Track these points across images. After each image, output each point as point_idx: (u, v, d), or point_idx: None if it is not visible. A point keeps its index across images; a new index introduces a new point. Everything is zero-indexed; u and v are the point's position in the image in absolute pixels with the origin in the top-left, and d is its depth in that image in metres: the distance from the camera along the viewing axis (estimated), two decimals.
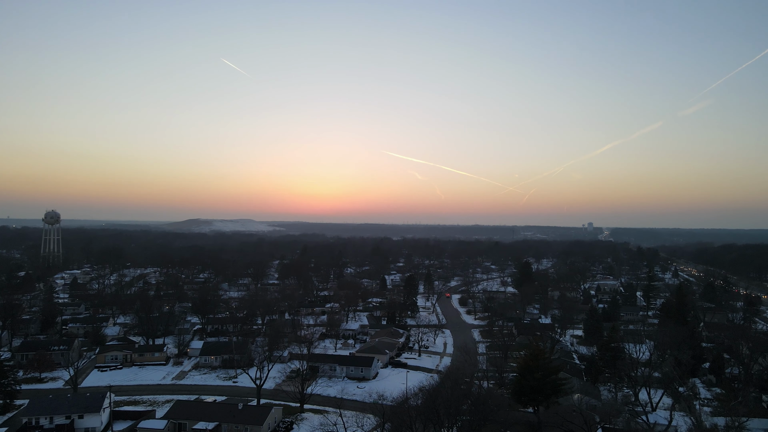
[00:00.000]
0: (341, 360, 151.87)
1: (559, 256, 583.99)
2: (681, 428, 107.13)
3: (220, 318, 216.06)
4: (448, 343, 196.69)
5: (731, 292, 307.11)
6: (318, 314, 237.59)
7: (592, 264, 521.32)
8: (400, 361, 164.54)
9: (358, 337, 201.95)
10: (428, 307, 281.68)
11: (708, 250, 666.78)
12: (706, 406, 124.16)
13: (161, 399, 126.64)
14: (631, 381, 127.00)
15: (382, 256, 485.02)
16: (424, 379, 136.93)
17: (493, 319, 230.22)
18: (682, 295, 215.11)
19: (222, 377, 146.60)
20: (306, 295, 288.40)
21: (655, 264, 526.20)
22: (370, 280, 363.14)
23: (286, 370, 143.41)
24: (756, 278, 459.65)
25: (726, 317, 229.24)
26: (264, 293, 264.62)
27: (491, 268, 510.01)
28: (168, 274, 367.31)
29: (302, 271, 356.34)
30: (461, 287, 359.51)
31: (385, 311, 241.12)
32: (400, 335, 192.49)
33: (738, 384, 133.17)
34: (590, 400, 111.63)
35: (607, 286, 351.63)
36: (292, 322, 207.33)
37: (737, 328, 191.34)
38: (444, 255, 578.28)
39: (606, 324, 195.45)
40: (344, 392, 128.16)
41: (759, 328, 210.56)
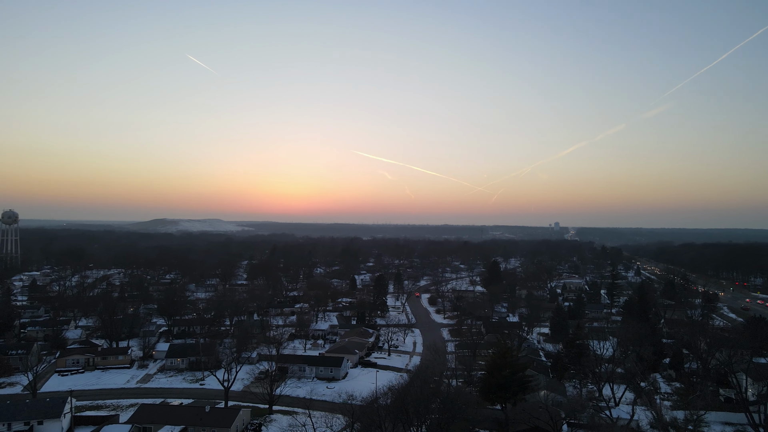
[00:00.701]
0: (311, 360, 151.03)
1: (527, 255, 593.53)
2: (642, 422, 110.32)
3: (187, 319, 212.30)
4: (417, 343, 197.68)
5: (690, 289, 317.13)
6: (287, 315, 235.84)
7: (558, 263, 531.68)
8: (370, 361, 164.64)
9: (327, 337, 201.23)
10: (398, 307, 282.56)
11: (668, 249, 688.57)
12: (666, 400, 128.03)
13: (125, 403, 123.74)
14: (595, 377, 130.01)
15: (351, 256, 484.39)
16: (394, 378, 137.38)
17: (462, 318, 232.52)
18: (644, 293, 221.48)
19: (189, 380, 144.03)
20: (275, 295, 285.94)
21: (618, 263, 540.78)
22: (340, 280, 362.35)
23: (255, 371, 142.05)
24: (713, 276, 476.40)
25: (685, 314, 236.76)
26: (232, 294, 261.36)
27: (460, 267, 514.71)
28: (133, 275, 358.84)
29: (271, 271, 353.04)
30: (431, 287, 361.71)
31: (354, 311, 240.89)
32: (369, 335, 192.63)
33: (696, 378, 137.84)
34: (556, 397, 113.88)
35: (573, 284, 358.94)
36: (260, 322, 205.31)
37: (696, 324, 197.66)
38: (414, 255, 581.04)
39: (571, 322, 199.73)
40: (314, 393, 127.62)
41: (716, 324, 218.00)
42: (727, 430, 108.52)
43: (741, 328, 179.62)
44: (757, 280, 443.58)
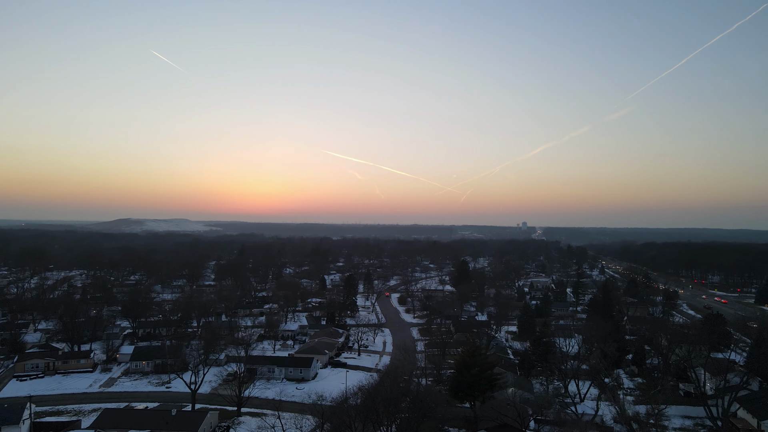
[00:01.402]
0: (280, 361, 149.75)
1: (495, 254, 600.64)
2: (606, 417, 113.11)
3: (153, 321, 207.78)
4: (387, 342, 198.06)
5: (652, 287, 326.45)
6: (256, 315, 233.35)
7: (526, 262, 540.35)
8: (340, 361, 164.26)
9: (297, 337, 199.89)
10: (368, 307, 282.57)
11: (631, 248, 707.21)
12: (629, 395, 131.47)
13: (87, 408, 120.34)
14: (562, 374, 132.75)
15: (321, 256, 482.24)
16: (364, 378, 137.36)
17: (432, 317, 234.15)
18: (608, 291, 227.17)
19: (154, 383, 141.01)
20: (244, 296, 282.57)
21: (583, 262, 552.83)
22: (310, 280, 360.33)
23: (223, 373, 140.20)
24: (673, 274, 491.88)
25: (647, 311, 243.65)
26: (200, 295, 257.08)
27: (430, 267, 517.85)
28: (96, 277, 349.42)
29: (240, 271, 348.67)
30: (400, 286, 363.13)
31: (324, 311, 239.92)
32: (339, 335, 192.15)
33: (657, 374, 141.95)
34: (524, 394, 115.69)
35: (540, 283, 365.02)
36: (229, 323, 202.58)
37: (657, 321, 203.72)
38: (383, 254, 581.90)
39: (538, 320, 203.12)
40: (283, 394, 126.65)
41: (676, 321, 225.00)
42: (687, 423, 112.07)
43: (699, 324, 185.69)
44: (715, 278, 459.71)
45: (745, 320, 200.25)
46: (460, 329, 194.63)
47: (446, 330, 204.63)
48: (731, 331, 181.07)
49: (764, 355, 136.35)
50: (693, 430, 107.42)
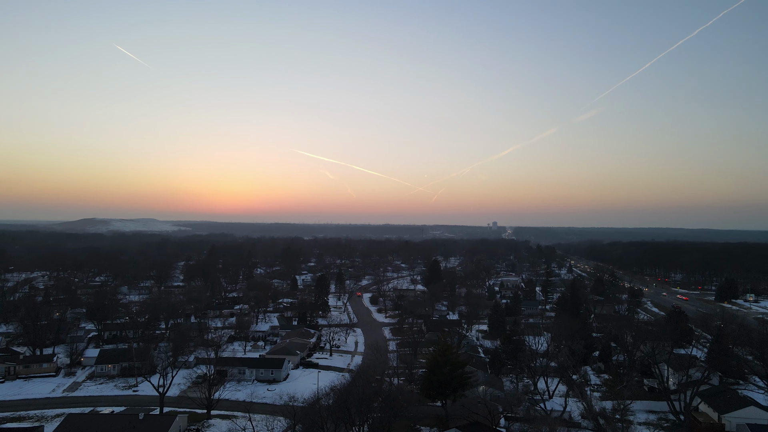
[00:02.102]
0: (251, 362, 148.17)
1: (466, 254, 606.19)
2: (574, 413, 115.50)
3: (119, 324, 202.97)
4: (359, 342, 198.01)
5: (617, 285, 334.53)
6: (226, 316, 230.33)
7: (496, 261, 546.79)
8: (312, 362, 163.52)
9: (268, 338, 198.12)
10: (340, 307, 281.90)
11: (598, 247, 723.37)
12: (596, 391, 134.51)
13: (51, 413, 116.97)
14: (531, 371, 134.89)
15: (293, 256, 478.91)
16: (336, 378, 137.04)
17: (404, 316, 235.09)
18: (575, 289, 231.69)
19: (121, 386, 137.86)
20: (213, 296, 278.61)
21: (552, 261, 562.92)
22: (281, 280, 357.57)
23: (192, 375, 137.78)
24: (638, 272, 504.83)
25: (613, 309, 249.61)
26: (168, 296, 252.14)
27: (402, 266, 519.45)
28: (59, 278, 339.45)
29: (209, 272, 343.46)
30: (372, 286, 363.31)
31: (296, 311, 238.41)
32: (311, 335, 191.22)
33: (623, 370, 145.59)
34: (494, 392, 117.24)
35: (510, 282, 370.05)
36: (198, 325, 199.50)
37: (622, 318, 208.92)
38: (355, 254, 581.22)
39: (509, 318, 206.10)
40: (254, 395, 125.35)
41: (641, 318, 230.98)
42: (651, 417, 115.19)
43: (663, 321, 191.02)
44: (677, 276, 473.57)
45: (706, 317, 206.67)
46: (431, 328, 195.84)
47: (418, 329, 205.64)
48: (693, 328, 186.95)
49: (724, 351, 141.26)
50: (657, 424, 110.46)
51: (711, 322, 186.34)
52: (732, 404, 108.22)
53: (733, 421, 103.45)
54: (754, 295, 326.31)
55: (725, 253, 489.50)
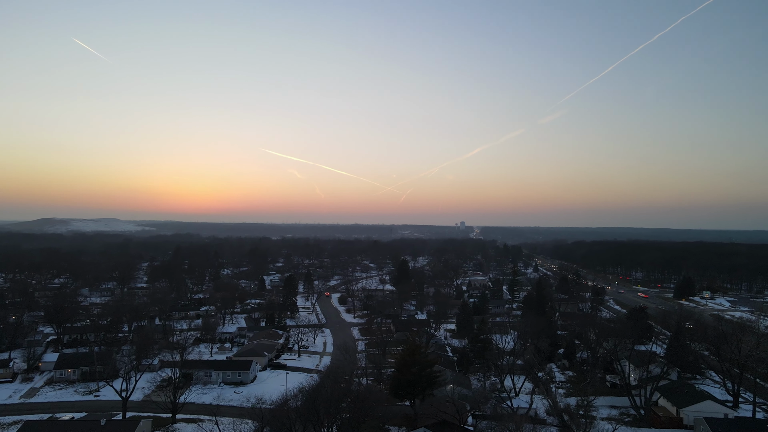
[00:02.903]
0: (217, 365, 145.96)
1: (434, 253, 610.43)
2: (540, 410, 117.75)
3: (80, 327, 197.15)
4: (328, 342, 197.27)
5: (581, 284, 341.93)
6: (192, 318, 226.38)
7: (464, 261, 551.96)
8: (280, 363, 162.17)
9: (235, 340, 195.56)
10: (308, 307, 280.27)
11: (563, 247, 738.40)
12: (560, 388, 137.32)
13: (6, 421, 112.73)
14: (498, 369, 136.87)
15: (260, 256, 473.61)
16: (304, 379, 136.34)
17: (372, 316, 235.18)
18: (541, 288, 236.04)
19: (82, 392, 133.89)
20: (179, 298, 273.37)
21: (519, 260, 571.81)
22: (248, 281, 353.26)
23: (157, 379, 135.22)
24: (601, 271, 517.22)
25: (577, 307, 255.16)
26: (131, 298, 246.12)
27: (370, 266, 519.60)
28: (15, 280, 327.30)
29: (175, 273, 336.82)
30: (341, 286, 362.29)
31: (264, 312, 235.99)
32: (279, 336, 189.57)
33: (587, 367, 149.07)
34: (462, 390, 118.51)
35: (478, 281, 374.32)
36: (163, 327, 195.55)
37: (586, 316, 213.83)
38: (324, 254, 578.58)
39: (476, 317, 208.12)
40: (221, 398, 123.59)
41: (603, 315, 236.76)
42: (613, 413, 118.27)
43: (624, 319, 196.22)
44: (638, 275, 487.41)
45: (665, 314, 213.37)
46: (400, 328, 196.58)
47: (386, 329, 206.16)
48: (653, 325, 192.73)
49: (682, 347, 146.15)
50: (618, 419, 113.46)
51: (670, 319, 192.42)
52: (689, 398, 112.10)
53: (691, 414, 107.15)
54: (710, 293, 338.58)
55: (683, 252, 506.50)
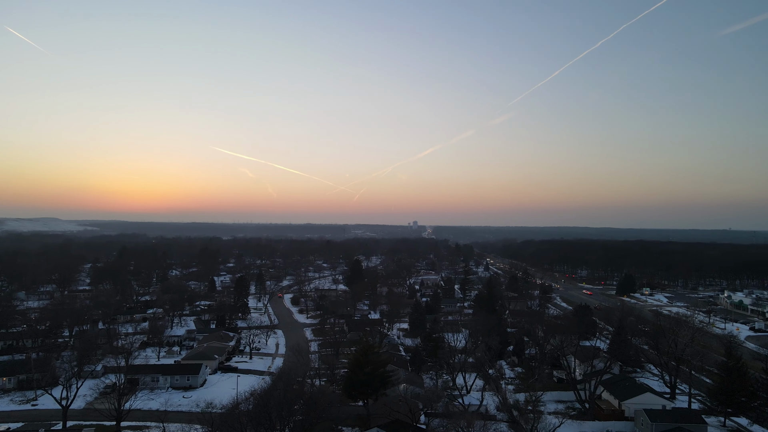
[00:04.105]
0: (165, 369, 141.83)
1: (388, 253, 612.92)
2: (490, 406, 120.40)
3: (15, 332, 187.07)
4: (280, 344, 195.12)
5: (530, 282, 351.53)
6: (138, 321, 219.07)
7: (417, 260, 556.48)
8: (231, 366, 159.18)
9: (184, 343, 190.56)
10: (260, 308, 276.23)
11: (512, 246, 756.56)
12: (510, 384, 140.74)
13: None
14: (450, 367, 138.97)
15: (210, 257, 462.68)
16: (256, 382, 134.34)
17: (325, 316, 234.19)
18: (492, 287, 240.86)
19: (18, 401, 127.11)
20: (124, 301, 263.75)
21: (470, 259, 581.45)
22: (198, 282, 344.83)
23: (100, 385, 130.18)
24: (549, 269, 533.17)
25: (526, 305, 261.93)
26: (72, 301, 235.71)
27: (323, 266, 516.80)
28: None
29: (120, 274, 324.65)
30: (294, 286, 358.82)
31: (214, 314, 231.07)
32: (230, 338, 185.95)
33: (535, 363, 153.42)
34: (415, 389, 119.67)
35: (430, 280, 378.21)
36: (107, 331, 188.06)
37: (534, 314, 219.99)
38: (276, 254, 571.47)
39: (429, 316, 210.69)
40: (168, 404, 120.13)
41: (551, 313, 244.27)
42: (560, 407, 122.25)
43: (571, 315, 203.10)
44: (583, 272, 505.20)
45: (608, 310, 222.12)
46: (353, 328, 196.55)
47: (340, 329, 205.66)
48: (597, 321, 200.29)
49: (623, 342, 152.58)
50: (564, 413, 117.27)
51: (612, 315, 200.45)
52: (630, 392, 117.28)
53: (632, 407, 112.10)
54: (649, 289, 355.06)
55: (625, 251, 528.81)
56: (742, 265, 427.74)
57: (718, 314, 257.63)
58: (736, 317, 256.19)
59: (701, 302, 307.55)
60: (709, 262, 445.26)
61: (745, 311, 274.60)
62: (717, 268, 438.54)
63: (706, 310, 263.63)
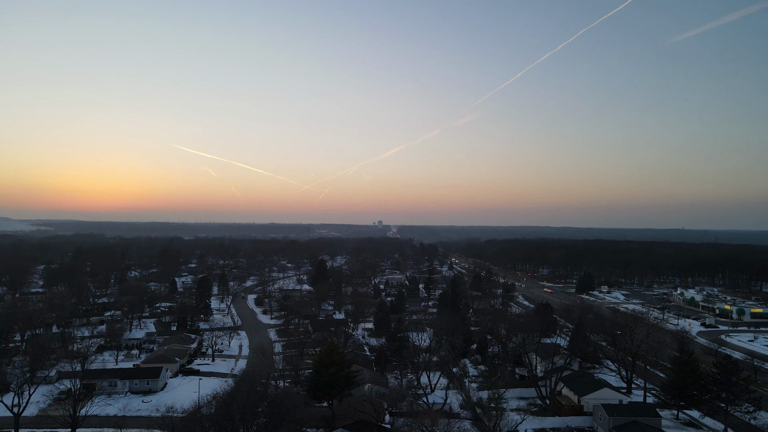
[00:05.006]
0: (123, 373, 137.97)
1: (353, 253, 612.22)
2: (454, 404, 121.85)
3: None
4: (243, 345, 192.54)
5: (493, 281, 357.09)
6: (95, 324, 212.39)
7: (381, 260, 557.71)
8: (192, 369, 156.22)
9: (144, 346, 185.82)
10: (223, 309, 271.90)
11: (476, 245, 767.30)
12: (473, 382, 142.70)
13: None
14: (414, 367, 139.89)
15: (171, 257, 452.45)
16: (219, 385, 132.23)
17: (290, 317, 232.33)
18: (456, 286, 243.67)
19: None
20: (80, 303, 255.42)
21: (434, 258, 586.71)
22: (158, 283, 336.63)
23: (55, 391, 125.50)
24: (511, 268, 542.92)
25: (489, 303, 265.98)
26: (24, 304, 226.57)
27: (288, 266, 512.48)
28: None
29: (75, 276, 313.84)
30: (257, 287, 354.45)
31: (175, 316, 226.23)
32: (192, 341, 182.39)
33: (498, 361, 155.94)
34: (379, 389, 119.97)
35: (395, 280, 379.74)
36: (62, 335, 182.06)
37: (497, 312, 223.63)
38: (240, 254, 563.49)
39: (394, 316, 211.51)
40: (127, 409, 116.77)
41: (513, 311, 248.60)
42: (522, 404, 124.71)
43: (532, 313, 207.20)
44: (544, 271, 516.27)
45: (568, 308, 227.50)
46: (318, 328, 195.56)
47: (304, 330, 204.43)
48: (557, 319, 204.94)
49: (583, 339, 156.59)
50: (526, 409, 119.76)
51: (572, 312, 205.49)
52: (589, 387, 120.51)
53: (590, 402, 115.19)
54: (607, 287, 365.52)
55: (584, 250, 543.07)
56: (694, 263, 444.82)
57: (671, 311, 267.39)
58: (688, 313, 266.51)
59: (656, 299, 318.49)
60: (663, 261, 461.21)
61: (696, 307, 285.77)
62: (671, 266, 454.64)
63: (661, 307, 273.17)
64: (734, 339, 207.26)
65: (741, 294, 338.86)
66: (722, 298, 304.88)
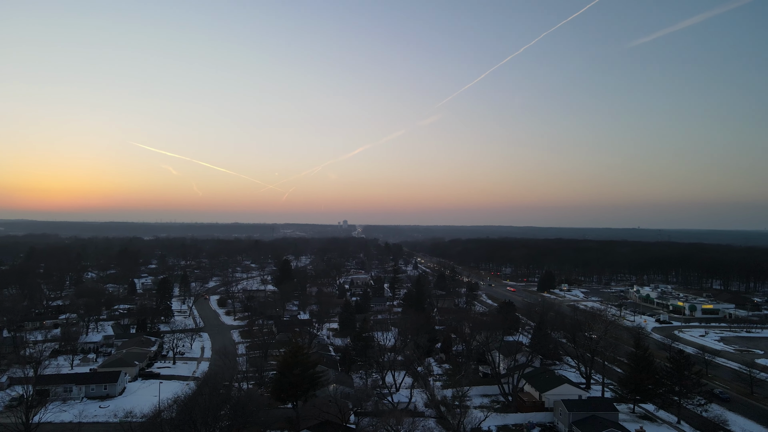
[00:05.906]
0: (79, 378, 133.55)
1: (317, 252, 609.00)
2: (419, 403, 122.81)
3: None
4: (206, 347, 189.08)
5: (457, 280, 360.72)
6: (49, 328, 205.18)
7: (347, 259, 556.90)
8: (153, 372, 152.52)
9: (101, 350, 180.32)
10: (184, 311, 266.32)
11: (440, 245, 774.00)
12: (438, 380, 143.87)
13: None
14: (379, 366, 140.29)
15: (130, 258, 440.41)
16: (180, 388, 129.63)
17: (253, 318, 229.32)
18: (420, 285, 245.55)
19: None
20: (33, 306, 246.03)
21: (399, 258, 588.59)
22: (117, 284, 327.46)
23: (6, 398, 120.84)
24: (475, 267, 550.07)
25: (453, 302, 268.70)
26: None
27: (251, 266, 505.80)
28: None
29: (27, 277, 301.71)
30: (220, 288, 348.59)
31: (134, 318, 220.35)
32: (152, 343, 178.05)
33: (462, 359, 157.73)
34: (344, 389, 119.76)
35: (360, 279, 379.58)
36: (13, 339, 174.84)
37: (461, 311, 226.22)
38: (202, 255, 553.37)
39: (359, 316, 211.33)
40: (83, 415, 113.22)
41: (477, 309, 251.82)
42: (485, 401, 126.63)
43: (496, 312, 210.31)
44: (507, 270, 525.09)
45: (530, 306, 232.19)
46: (282, 329, 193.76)
47: (268, 331, 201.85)
48: (519, 317, 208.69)
49: (544, 336, 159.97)
50: (489, 406, 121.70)
51: (534, 310, 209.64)
52: (550, 383, 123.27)
53: (551, 398, 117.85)
54: (567, 285, 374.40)
55: (545, 249, 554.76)
56: (649, 261, 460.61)
57: (628, 308, 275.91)
58: (644, 310, 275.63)
59: (613, 297, 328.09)
60: (620, 259, 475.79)
61: (651, 304, 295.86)
62: (627, 265, 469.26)
63: (618, 304, 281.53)
64: (687, 334, 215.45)
65: (693, 291, 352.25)
66: (675, 295, 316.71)
